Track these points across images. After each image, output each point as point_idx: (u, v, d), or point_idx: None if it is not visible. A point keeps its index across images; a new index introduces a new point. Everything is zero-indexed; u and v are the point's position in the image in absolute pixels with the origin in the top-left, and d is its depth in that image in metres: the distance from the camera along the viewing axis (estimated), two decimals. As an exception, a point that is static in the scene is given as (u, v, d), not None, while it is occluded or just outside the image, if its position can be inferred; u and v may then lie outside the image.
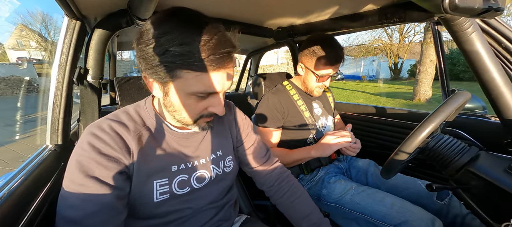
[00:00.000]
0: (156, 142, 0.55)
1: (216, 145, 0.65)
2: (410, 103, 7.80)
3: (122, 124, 0.51)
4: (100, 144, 0.47)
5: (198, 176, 0.60)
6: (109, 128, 0.49)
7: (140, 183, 0.51)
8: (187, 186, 0.58)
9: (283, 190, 0.73)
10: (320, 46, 0.99)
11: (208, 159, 0.63)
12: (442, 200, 0.86)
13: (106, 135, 0.48)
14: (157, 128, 0.56)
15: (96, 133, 0.48)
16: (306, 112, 1.10)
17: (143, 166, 0.51)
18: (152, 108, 0.57)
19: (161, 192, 0.53)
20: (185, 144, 0.59)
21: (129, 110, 0.56)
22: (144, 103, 0.58)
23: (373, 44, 17.34)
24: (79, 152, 0.46)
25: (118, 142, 0.48)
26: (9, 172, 0.57)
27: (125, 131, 0.50)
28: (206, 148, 0.63)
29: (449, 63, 14.01)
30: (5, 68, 15.79)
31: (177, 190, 0.56)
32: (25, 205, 0.51)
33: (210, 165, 0.62)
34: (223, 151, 0.67)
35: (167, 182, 0.54)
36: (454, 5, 0.48)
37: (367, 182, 1.07)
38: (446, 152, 0.63)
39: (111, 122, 0.51)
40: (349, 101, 2.02)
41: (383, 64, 19.77)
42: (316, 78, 1.04)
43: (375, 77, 20.15)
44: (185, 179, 0.57)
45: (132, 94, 0.89)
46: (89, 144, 0.46)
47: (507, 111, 0.69)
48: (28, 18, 27.96)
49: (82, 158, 0.45)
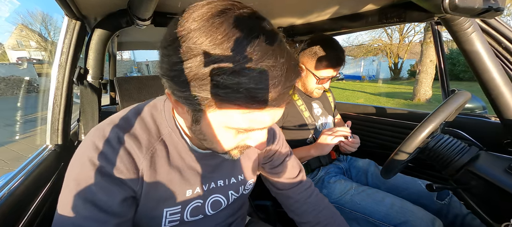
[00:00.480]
0: (171, 161, 0.45)
1: (239, 167, 0.56)
2: (410, 103, 7.80)
3: (134, 137, 0.42)
4: (103, 162, 0.38)
5: (213, 202, 0.52)
6: (117, 141, 0.40)
7: (147, 210, 0.44)
8: (200, 213, 0.51)
9: (320, 222, 0.63)
10: (322, 48, 0.99)
11: (228, 182, 0.54)
12: (442, 200, 0.86)
13: (112, 152, 0.39)
14: (174, 142, 0.46)
15: (100, 147, 0.39)
16: (306, 112, 1.10)
17: (153, 190, 0.43)
18: (171, 116, 0.46)
19: (170, 220, 0.47)
20: (204, 162, 0.50)
21: (143, 114, 0.45)
22: (162, 106, 0.47)
23: (373, 44, 17.34)
24: (78, 168, 0.38)
25: (125, 161, 0.40)
26: (9, 172, 0.57)
27: (136, 148, 0.41)
28: (227, 169, 0.54)
29: (449, 63, 14.01)
30: (5, 68, 15.79)
31: (189, 218, 0.49)
32: (25, 205, 0.51)
33: (228, 190, 0.54)
34: (245, 175, 0.57)
35: (179, 210, 0.47)
36: (454, 5, 0.48)
37: (367, 182, 1.07)
38: (446, 152, 0.63)
39: (121, 132, 0.41)
40: (349, 101, 2.02)
41: (383, 64, 19.78)
42: (316, 80, 1.04)
43: (375, 77, 20.15)
44: (199, 205, 0.50)
45: (132, 94, 0.90)
46: (91, 161, 0.38)
47: (507, 111, 0.69)
48: (28, 18, 27.98)
49: (81, 177, 0.38)
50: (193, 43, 0.30)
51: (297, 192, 0.65)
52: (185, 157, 0.47)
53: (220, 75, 0.29)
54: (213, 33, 0.29)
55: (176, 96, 0.35)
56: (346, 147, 0.97)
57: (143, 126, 0.44)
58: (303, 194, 0.65)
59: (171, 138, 0.46)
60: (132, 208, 0.43)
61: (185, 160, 0.47)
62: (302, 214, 0.65)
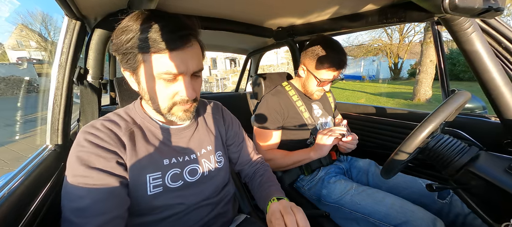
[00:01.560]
0: (147, 138, 0.58)
1: (205, 141, 0.69)
2: (410, 103, 7.80)
3: (114, 122, 0.56)
4: (96, 139, 0.50)
5: (190, 170, 0.62)
6: (102, 126, 0.53)
7: (134, 177, 0.53)
8: (179, 179, 0.59)
9: (256, 175, 0.79)
10: (323, 49, 0.98)
11: (199, 153, 0.66)
12: (443, 199, 0.86)
13: (101, 132, 0.52)
14: (146, 125, 0.60)
15: (91, 131, 0.51)
16: (306, 113, 1.10)
17: (136, 160, 0.54)
18: (140, 108, 0.61)
19: (154, 185, 0.55)
20: (175, 139, 0.63)
21: (119, 112, 0.60)
22: (132, 105, 0.63)
23: (373, 44, 17.34)
24: (77, 149, 0.49)
25: (112, 137, 0.52)
26: (9, 172, 0.57)
27: (117, 128, 0.55)
28: (196, 143, 0.66)
29: (449, 63, 14.02)
30: (5, 68, 15.79)
31: (170, 183, 0.58)
32: (25, 205, 0.51)
33: (201, 159, 0.65)
34: (212, 146, 0.70)
35: (160, 176, 0.57)
36: (454, 5, 0.48)
37: (368, 182, 1.07)
38: (446, 152, 0.63)
39: (103, 121, 0.55)
40: (349, 101, 2.02)
41: (383, 64, 19.78)
42: (317, 83, 1.03)
43: (375, 77, 20.15)
44: (177, 172, 0.59)
45: (132, 95, 0.89)
46: (86, 139, 0.49)
47: (507, 111, 0.69)
48: (28, 18, 28.02)
49: (81, 153, 0.48)
50: (122, 26, 0.50)
51: (252, 165, 0.83)
52: (157, 134, 0.60)
53: (135, 36, 0.48)
54: (132, 17, 0.50)
55: (124, 66, 0.53)
56: (345, 145, 0.97)
57: (120, 118, 0.58)
58: (254, 162, 0.84)
59: (144, 124, 0.60)
60: (127, 173, 0.53)
61: (158, 137, 0.60)
62: (250, 178, 0.82)
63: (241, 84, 2.59)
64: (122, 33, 0.49)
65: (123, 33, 0.49)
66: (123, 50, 0.50)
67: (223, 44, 1.91)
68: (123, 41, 0.49)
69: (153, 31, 0.47)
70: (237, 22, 1.15)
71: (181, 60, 0.50)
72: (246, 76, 2.56)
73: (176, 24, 0.49)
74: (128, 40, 0.48)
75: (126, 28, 0.49)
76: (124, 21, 0.50)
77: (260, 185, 0.74)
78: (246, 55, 2.25)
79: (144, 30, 0.48)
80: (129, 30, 0.49)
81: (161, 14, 0.51)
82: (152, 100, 0.54)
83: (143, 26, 0.48)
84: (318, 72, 1.01)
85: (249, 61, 2.32)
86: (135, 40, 0.48)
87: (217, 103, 0.80)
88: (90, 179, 0.46)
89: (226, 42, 1.85)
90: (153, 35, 0.47)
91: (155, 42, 0.47)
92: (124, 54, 0.50)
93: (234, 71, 18.54)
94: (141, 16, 0.49)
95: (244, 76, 2.56)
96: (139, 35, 0.48)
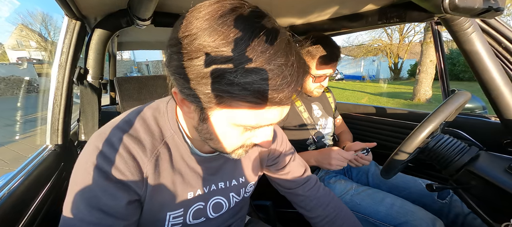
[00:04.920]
0: (173, 164, 0.46)
1: (240, 169, 0.56)
2: (410, 103, 7.80)
3: (138, 141, 0.41)
4: (108, 167, 0.38)
5: (215, 204, 0.53)
6: (121, 145, 0.40)
7: (151, 213, 0.45)
8: (202, 216, 0.52)
9: (329, 215, 0.64)
10: (315, 46, 0.99)
11: (229, 184, 0.54)
12: (443, 199, 0.86)
13: (117, 156, 0.39)
14: (176, 145, 0.46)
15: (105, 152, 0.39)
16: (305, 113, 1.10)
17: (157, 193, 0.44)
18: (174, 118, 0.46)
19: (173, 224, 0.48)
20: (205, 166, 0.50)
21: (146, 116, 0.45)
22: (165, 108, 0.46)
23: (373, 44, 17.34)
24: (82, 174, 0.38)
25: (130, 165, 0.40)
26: (9, 172, 0.57)
27: (141, 151, 0.41)
28: (228, 171, 0.54)
29: (449, 63, 14.02)
30: (5, 68, 15.77)
31: (191, 221, 0.50)
32: (25, 205, 0.51)
33: (229, 192, 0.55)
34: (247, 177, 0.57)
35: (182, 213, 0.48)
36: (454, 5, 0.48)
37: (368, 182, 1.07)
38: (446, 152, 0.63)
39: (124, 135, 0.41)
40: (350, 101, 2.02)
41: (383, 64, 19.78)
42: (313, 79, 1.04)
43: (375, 77, 20.15)
44: (201, 207, 0.51)
45: (132, 95, 0.90)
46: (96, 166, 0.38)
47: (507, 111, 0.69)
48: (28, 18, 28.02)
49: (85, 182, 0.38)
50: (203, 41, 0.30)
51: (305, 189, 0.66)
52: (187, 159, 0.47)
53: (232, 73, 0.29)
54: (224, 31, 0.29)
55: (184, 94, 0.35)
56: (356, 163, 0.92)
57: (147, 129, 0.43)
58: (311, 190, 0.67)
59: (174, 141, 0.46)
60: (138, 211, 0.43)
61: (187, 163, 0.47)
62: (311, 209, 0.66)
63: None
64: (207, 56, 0.30)
65: (211, 57, 0.30)
66: (201, 83, 0.31)
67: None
68: (210, 73, 0.30)
69: (263, 75, 0.29)
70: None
71: (279, 114, 0.36)
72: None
73: (297, 67, 0.32)
74: (218, 74, 0.30)
75: (218, 53, 0.29)
76: (205, 29, 0.30)
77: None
78: (246, 55, 2.25)
79: (253, 70, 0.29)
80: (225, 59, 0.29)
81: (273, 39, 0.31)
82: (214, 142, 0.40)
83: (251, 63, 0.29)
84: (312, 69, 1.02)
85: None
86: (229, 81, 0.30)
87: None
88: (90, 219, 0.37)
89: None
90: (260, 80, 0.29)
91: (263, 98, 0.31)
92: (197, 86, 0.32)
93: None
94: (247, 37, 0.29)
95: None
96: (242, 78, 0.29)
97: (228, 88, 0.30)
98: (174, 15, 0.93)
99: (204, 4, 0.32)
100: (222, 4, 0.31)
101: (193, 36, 0.31)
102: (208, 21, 0.30)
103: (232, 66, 0.29)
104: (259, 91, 0.30)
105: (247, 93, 0.30)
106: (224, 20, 0.30)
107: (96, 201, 0.37)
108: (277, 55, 0.30)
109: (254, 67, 0.29)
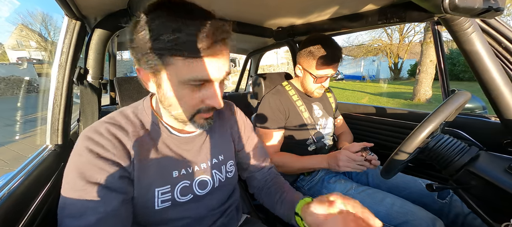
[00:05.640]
0: (156, 146, 0.53)
1: (217, 149, 0.63)
2: (410, 103, 7.80)
3: (120, 127, 0.49)
4: (98, 148, 0.44)
5: (200, 182, 0.58)
6: (107, 131, 0.47)
7: (141, 190, 0.50)
8: (189, 193, 0.56)
9: (272, 191, 0.70)
10: (317, 47, 0.99)
11: (209, 163, 0.60)
12: (443, 199, 0.86)
13: (104, 139, 0.46)
14: (156, 130, 0.54)
15: (93, 137, 0.45)
16: (305, 113, 1.10)
17: (144, 172, 0.50)
18: (150, 108, 0.55)
19: (162, 200, 0.52)
20: (185, 148, 0.57)
21: (127, 112, 0.53)
22: (142, 105, 0.56)
23: (373, 44, 17.34)
24: (76, 158, 0.44)
25: (116, 145, 0.46)
26: (9, 172, 0.57)
27: (123, 134, 0.48)
28: (207, 152, 0.61)
29: (449, 63, 14.02)
30: (5, 68, 15.77)
31: (179, 197, 0.54)
32: (25, 205, 0.51)
33: (212, 170, 0.60)
34: (224, 155, 0.64)
35: (169, 189, 0.53)
36: (454, 5, 0.48)
37: (368, 182, 1.07)
38: (446, 152, 0.63)
39: (109, 125, 0.48)
40: (350, 101, 2.02)
41: (383, 64, 19.78)
42: (314, 80, 1.03)
43: (375, 77, 20.15)
44: (187, 185, 0.55)
45: (132, 95, 0.90)
46: (87, 148, 0.44)
47: (507, 111, 0.69)
48: (28, 18, 27.99)
49: (80, 164, 0.43)
50: (144, 19, 0.42)
51: (263, 171, 0.75)
52: (168, 143, 0.55)
53: (164, 35, 0.40)
54: (158, 11, 0.42)
55: (141, 64, 0.46)
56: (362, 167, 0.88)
57: (128, 121, 0.51)
58: (267, 171, 0.75)
59: (154, 128, 0.54)
60: (130, 187, 0.48)
61: (169, 146, 0.55)
62: (259, 186, 0.74)
63: (241, 84, 2.59)
64: (145, 29, 0.42)
65: (147, 29, 0.42)
66: (146, 49, 0.43)
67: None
68: (147, 39, 0.42)
69: (188, 32, 0.40)
70: (237, 22, 1.15)
71: (216, 67, 0.44)
72: (246, 76, 2.56)
73: (214, 25, 0.42)
74: (155, 37, 0.41)
75: (151, 23, 0.41)
76: (146, 12, 0.43)
77: (281, 199, 0.66)
78: (246, 55, 2.25)
79: (176, 29, 0.40)
80: (155, 27, 0.41)
81: (194, 10, 0.43)
82: (173, 107, 0.48)
83: (174, 25, 0.40)
84: (313, 69, 1.02)
85: (249, 61, 2.32)
86: (163, 39, 0.40)
87: (230, 103, 0.73)
88: (88, 194, 0.42)
89: (226, 42, 1.85)
90: (187, 37, 0.40)
91: (190, 46, 0.41)
92: (147, 54, 0.43)
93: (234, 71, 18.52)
94: (172, 10, 0.42)
95: (244, 76, 2.56)
96: (170, 35, 0.40)
97: (163, 45, 0.41)
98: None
99: (153, 2, 0.44)
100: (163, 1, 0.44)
101: (141, 19, 0.43)
102: (150, 8, 0.43)
103: (163, 30, 0.40)
104: (185, 43, 0.41)
105: (178, 47, 0.41)
106: (161, 7, 0.43)
107: (92, 177, 0.43)
108: (196, 20, 0.41)
109: (180, 25, 0.40)
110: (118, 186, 0.45)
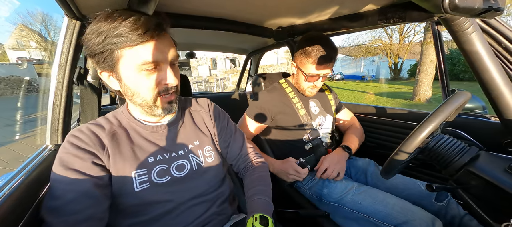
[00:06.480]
0: (131, 138, 0.60)
1: (192, 137, 0.69)
2: (410, 103, 7.80)
3: (99, 126, 0.58)
4: (76, 141, 0.53)
5: (177, 165, 0.63)
6: (87, 129, 0.57)
7: (119, 175, 0.55)
8: (166, 175, 0.60)
9: (246, 184, 0.75)
10: (310, 46, 0.99)
11: (186, 149, 0.66)
12: (441, 201, 0.86)
13: (83, 134, 0.55)
14: (131, 125, 0.62)
15: (75, 134, 0.55)
16: (302, 110, 1.10)
17: (119, 160, 0.56)
18: (126, 110, 0.64)
19: (140, 181, 0.57)
20: (160, 137, 0.64)
21: (108, 116, 0.63)
22: (121, 109, 0.65)
23: (373, 44, 17.35)
24: (60, 151, 0.53)
25: (93, 139, 0.55)
26: (9, 172, 0.57)
27: (100, 130, 0.57)
28: (182, 139, 0.67)
29: (449, 63, 14.02)
30: (5, 68, 15.78)
31: (157, 179, 0.59)
32: (25, 205, 0.51)
33: (188, 154, 0.66)
34: (200, 141, 0.70)
35: (146, 172, 0.58)
36: (454, 5, 0.48)
37: (367, 182, 1.07)
38: (446, 152, 0.63)
39: (91, 125, 0.58)
40: (350, 101, 2.02)
41: (383, 64, 19.78)
42: (305, 78, 1.04)
43: (375, 77, 20.14)
44: (164, 168, 0.60)
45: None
46: (68, 141, 0.53)
47: (507, 111, 0.69)
48: (28, 18, 27.99)
49: (62, 155, 0.51)
50: (90, 28, 0.51)
51: (242, 161, 0.80)
52: (144, 134, 0.62)
53: (108, 32, 0.49)
54: (100, 19, 0.51)
55: (101, 68, 0.55)
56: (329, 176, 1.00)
57: (107, 121, 0.61)
58: (243, 162, 0.80)
59: (130, 125, 0.62)
60: (104, 172, 0.54)
61: (144, 136, 0.62)
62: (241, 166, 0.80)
63: (241, 84, 2.59)
64: (94, 35, 0.51)
65: (95, 34, 0.50)
66: (99, 50, 0.51)
67: (223, 44, 1.91)
68: (97, 42, 0.50)
69: (127, 27, 0.49)
70: (237, 22, 1.15)
71: (158, 49, 0.53)
72: (246, 76, 2.56)
73: (146, 18, 0.51)
74: (102, 40, 0.50)
75: (97, 30, 0.50)
76: (93, 24, 0.51)
77: (249, 186, 0.71)
78: (246, 55, 2.25)
79: (116, 27, 0.49)
80: (101, 31, 0.50)
81: (129, 12, 0.53)
82: (136, 95, 0.56)
83: (115, 24, 0.49)
84: (305, 67, 1.02)
85: (249, 61, 2.32)
86: (110, 38, 0.49)
87: (205, 99, 0.79)
88: (66, 179, 0.49)
89: (226, 42, 1.85)
90: (127, 30, 0.49)
91: (131, 36, 0.49)
92: (100, 53, 0.52)
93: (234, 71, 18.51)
94: (111, 16, 0.51)
95: (244, 76, 2.56)
96: (113, 33, 0.49)
97: (110, 40, 0.50)
98: (174, 15, 0.93)
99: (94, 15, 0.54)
100: (106, 13, 0.53)
101: (92, 31, 0.51)
102: (95, 23, 0.52)
103: (107, 29, 0.50)
104: (125, 35, 0.49)
105: (122, 38, 0.49)
106: (100, 17, 0.52)
107: (70, 164, 0.50)
108: (131, 17, 0.50)
109: (118, 24, 0.49)
110: (91, 171, 0.52)
